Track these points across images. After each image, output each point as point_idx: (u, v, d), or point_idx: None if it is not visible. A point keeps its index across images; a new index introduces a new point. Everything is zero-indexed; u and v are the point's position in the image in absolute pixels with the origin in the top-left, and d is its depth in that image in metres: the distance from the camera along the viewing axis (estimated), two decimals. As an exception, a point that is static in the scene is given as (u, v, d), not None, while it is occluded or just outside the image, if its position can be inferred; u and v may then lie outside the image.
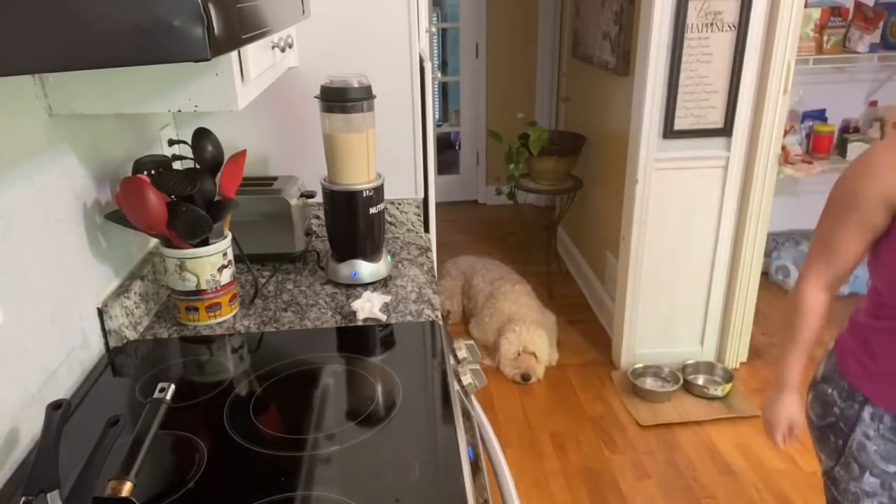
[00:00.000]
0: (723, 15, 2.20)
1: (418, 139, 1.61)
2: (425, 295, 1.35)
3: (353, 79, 1.29)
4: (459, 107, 4.52)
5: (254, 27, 0.69)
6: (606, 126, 2.94)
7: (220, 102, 0.96)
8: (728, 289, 2.61)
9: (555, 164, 3.15)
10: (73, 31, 0.51)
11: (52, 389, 0.97)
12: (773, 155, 2.38)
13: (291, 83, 1.52)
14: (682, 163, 2.39)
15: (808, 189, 3.30)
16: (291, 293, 1.37)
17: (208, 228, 1.17)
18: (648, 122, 2.31)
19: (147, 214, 1.12)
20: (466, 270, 3.24)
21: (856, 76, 3.10)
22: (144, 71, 0.94)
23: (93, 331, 1.11)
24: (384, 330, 1.23)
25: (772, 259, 3.31)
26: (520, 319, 2.76)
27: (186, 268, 1.19)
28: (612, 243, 2.83)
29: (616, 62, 2.69)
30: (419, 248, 1.59)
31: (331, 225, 1.41)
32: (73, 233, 1.07)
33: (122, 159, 1.24)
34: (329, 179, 1.37)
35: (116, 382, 1.08)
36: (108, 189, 1.19)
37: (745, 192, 2.44)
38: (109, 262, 1.19)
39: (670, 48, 2.23)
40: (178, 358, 1.17)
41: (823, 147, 3.03)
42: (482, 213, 4.54)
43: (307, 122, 1.54)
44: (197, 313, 1.23)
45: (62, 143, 1.04)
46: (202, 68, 0.92)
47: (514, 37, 4.21)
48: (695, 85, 2.28)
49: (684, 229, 2.50)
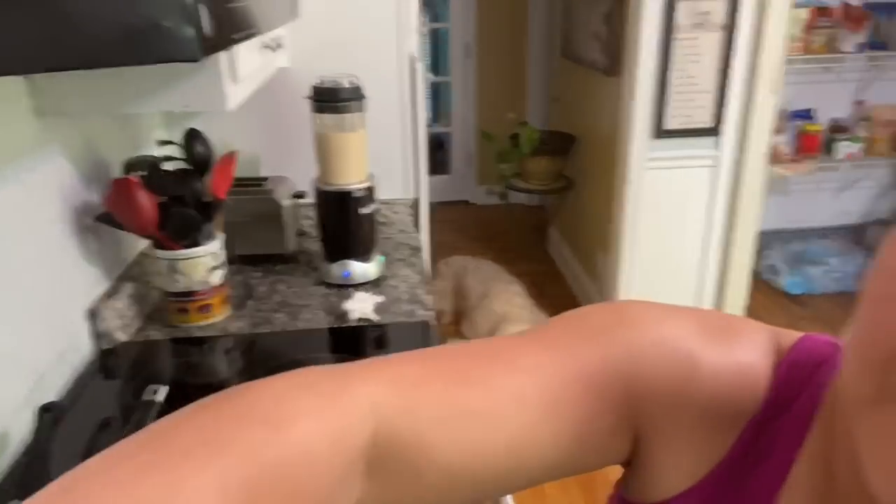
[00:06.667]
0: (711, 15, 2.21)
1: (410, 140, 1.61)
2: (418, 295, 1.35)
3: (344, 79, 1.29)
4: (451, 107, 4.52)
5: (244, 27, 0.69)
6: (597, 126, 2.95)
7: (211, 103, 0.96)
8: (719, 288, 2.62)
9: (546, 164, 3.15)
10: (62, 32, 0.51)
11: (42, 392, 0.97)
12: (762, 154, 2.40)
13: (282, 84, 1.51)
14: (673, 162, 2.40)
15: (797, 188, 3.33)
16: (283, 294, 1.37)
17: (199, 229, 1.17)
18: (638, 121, 2.32)
19: (137, 215, 1.11)
20: (458, 271, 3.24)
21: (843, 76, 3.12)
22: (135, 71, 0.94)
23: (83, 333, 1.10)
24: (377, 330, 1.23)
25: (762, 258, 3.34)
26: (512, 319, 2.76)
27: (177, 269, 1.19)
28: (604, 242, 2.84)
29: (606, 62, 2.70)
30: (411, 249, 1.59)
31: (323, 225, 1.40)
32: (63, 234, 1.06)
33: (112, 160, 1.24)
34: (321, 180, 1.36)
35: (108, 385, 1.07)
36: (98, 190, 1.18)
37: (735, 191, 2.46)
38: (100, 264, 1.18)
39: (660, 48, 2.24)
40: (169, 360, 1.16)
41: (812, 146, 3.06)
42: (474, 214, 4.54)
43: (298, 123, 1.54)
44: (188, 315, 1.22)
45: (52, 144, 1.03)
46: (192, 69, 0.92)
47: (504, 37, 4.21)
48: (684, 85, 2.30)
49: (675, 228, 2.51)
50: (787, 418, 0.39)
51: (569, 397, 0.40)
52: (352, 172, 1.34)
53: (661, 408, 0.41)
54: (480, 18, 4.20)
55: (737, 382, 0.40)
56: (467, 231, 4.21)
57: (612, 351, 0.41)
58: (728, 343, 0.41)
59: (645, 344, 0.41)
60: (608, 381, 0.40)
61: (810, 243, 3.28)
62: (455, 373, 0.40)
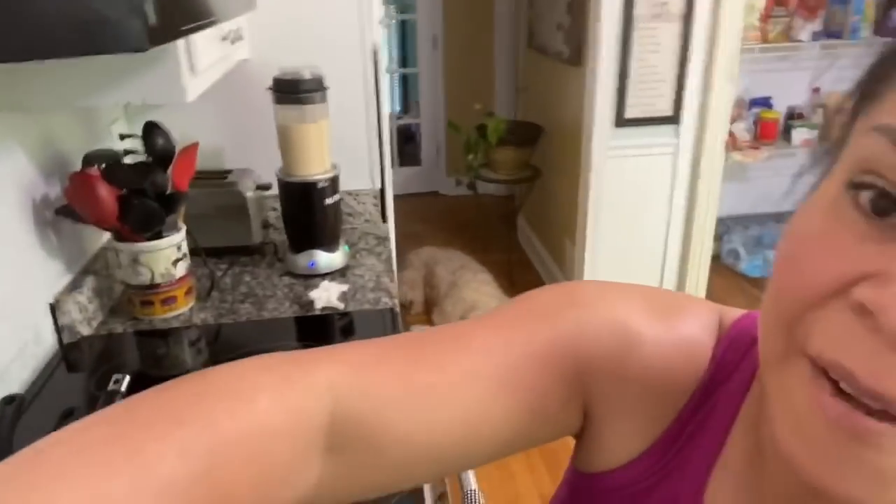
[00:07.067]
0: (669, 6, 2.26)
1: (373, 130, 1.62)
2: (383, 283, 1.38)
3: (306, 70, 1.30)
4: (419, 99, 4.53)
5: (193, 18, 0.70)
6: (562, 116, 3.00)
7: (169, 95, 0.97)
8: (680, 272, 2.69)
9: (513, 155, 3.19)
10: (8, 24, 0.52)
11: (4, 385, 0.97)
12: (720, 141, 2.46)
13: (244, 76, 1.51)
14: (634, 150, 2.45)
15: (756, 175, 3.41)
16: (249, 285, 1.38)
17: (161, 221, 1.17)
18: (600, 110, 2.37)
19: (98, 208, 1.11)
20: (428, 261, 3.27)
21: (799, 64, 3.21)
22: (91, 65, 0.94)
23: (45, 326, 1.10)
24: (342, 319, 1.25)
25: (723, 243, 3.42)
26: (482, 307, 2.80)
27: (140, 261, 1.19)
28: (570, 231, 2.89)
29: (569, 53, 2.74)
30: (377, 238, 1.61)
31: (287, 216, 1.42)
32: (22, 228, 1.06)
33: (72, 154, 1.23)
34: (284, 171, 1.38)
35: (71, 377, 1.08)
36: (57, 184, 1.18)
37: (695, 177, 2.53)
38: (61, 257, 1.18)
39: (620, 39, 2.29)
40: (134, 352, 1.17)
41: (770, 133, 3.14)
42: (443, 204, 4.56)
43: (261, 115, 1.54)
44: (152, 307, 1.23)
45: (8, 139, 1.03)
46: (149, 61, 0.93)
47: (471, 28, 4.23)
48: (644, 74, 2.35)
49: (637, 215, 2.57)
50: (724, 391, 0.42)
51: (519, 373, 0.42)
52: (315, 163, 1.35)
53: (607, 382, 0.44)
54: (447, 10, 4.21)
55: (678, 357, 0.43)
56: (437, 222, 4.23)
57: (560, 329, 0.44)
58: (671, 320, 0.44)
59: (592, 322, 0.44)
60: (556, 357, 0.43)
61: (769, 228, 3.37)
62: (411, 354, 0.43)
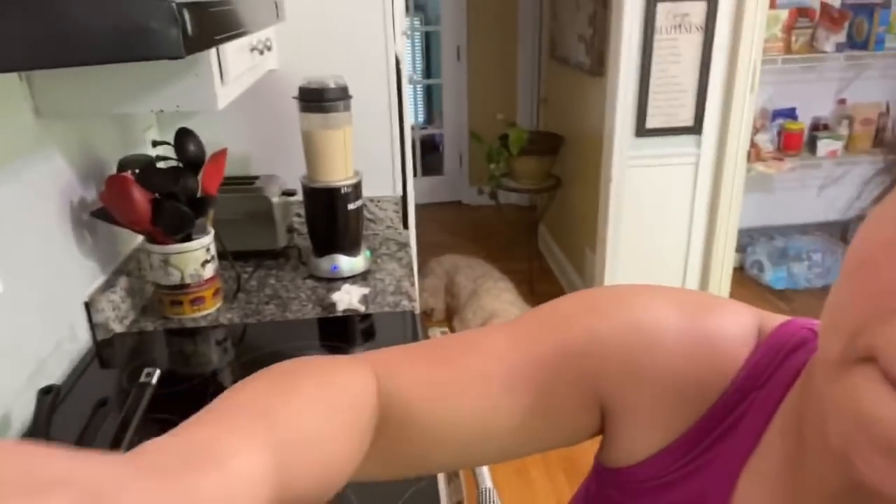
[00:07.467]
0: (690, 17, 2.27)
1: (396, 138, 1.66)
2: (403, 287, 1.41)
3: (330, 79, 1.34)
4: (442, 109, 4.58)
5: (226, 28, 0.74)
6: (583, 126, 3.01)
7: (201, 103, 1.01)
8: (701, 282, 2.68)
9: (534, 164, 3.21)
10: (52, 31, 0.56)
11: (42, 378, 1.02)
12: (742, 152, 2.46)
13: (272, 85, 1.56)
14: (655, 160, 2.46)
15: (780, 186, 3.39)
16: (273, 287, 1.42)
17: (191, 224, 1.22)
18: (621, 120, 2.38)
19: (132, 211, 1.16)
20: (450, 269, 3.30)
21: (824, 75, 3.19)
22: (128, 73, 0.99)
23: (80, 324, 1.15)
24: (364, 321, 1.29)
25: (746, 254, 3.40)
26: (502, 315, 2.82)
27: (171, 263, 1.24)
28: (591, 240, 2.90)
29: (591, 63, 2.76)
30: (398, 244, 1.64)
31: (311, 221, 1.46)
32: (60, 230, 1.11)
33: (108, 159, 1.29)
34: (309, 177, 1.42)
35: (104, 372, 1.12)
36: (93, 187, 1.23)
37: (716, 188, 2.52)
38: (96, 258, 1.23)
39: (641, 49, 2.30)
40: (163, 349, 1.21)
41: (794, 144, 3.12)
42: (466, 214, 4.59)
43: (287, 123, 1.59)
44: (181, 307, 1.27)
45: (50, 144, 1.09)
46: (183, 70, 0.97)
47: (494, 39, 4.28)
48: (665, 84, 2.36)
49: (658, 225, 2.57)
50: (759, 395, 0.42)
51: (526, 377, 0.46)
52: (338, 169, 1.39)
53: (624, 380, 0.45)
54: (471, 21, 4.26)
55: (704, 352, 0.43)
56: (460, 231, 4.26)
57: (573, 333, 0.46)
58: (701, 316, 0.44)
59: (607, 324, 0.46)
60: (564, 362, 0.46)
61: (793, 239, 3.34)
62: (432, 356, 0.49)
